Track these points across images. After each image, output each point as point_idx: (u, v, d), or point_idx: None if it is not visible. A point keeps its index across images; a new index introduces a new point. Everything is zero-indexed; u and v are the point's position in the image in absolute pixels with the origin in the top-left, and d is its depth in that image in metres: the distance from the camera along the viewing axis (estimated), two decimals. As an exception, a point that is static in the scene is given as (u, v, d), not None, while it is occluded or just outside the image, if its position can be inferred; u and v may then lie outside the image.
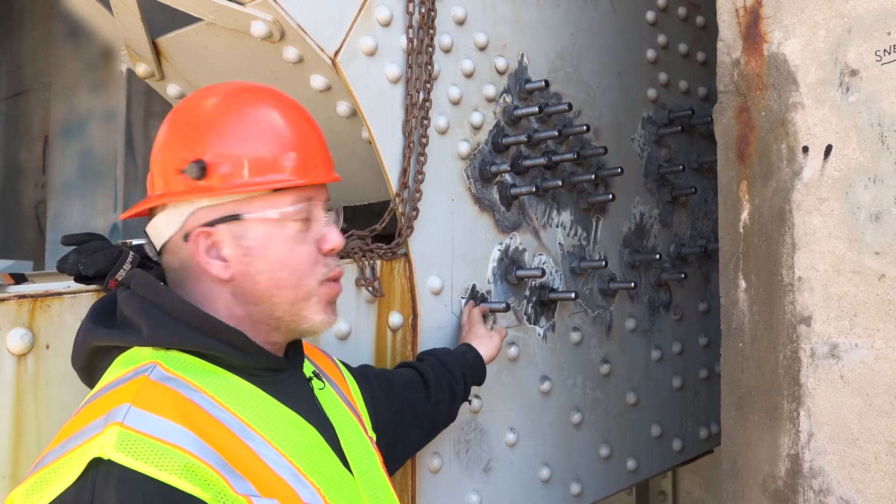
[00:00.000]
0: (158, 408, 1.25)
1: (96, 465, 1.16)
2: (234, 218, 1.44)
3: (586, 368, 2.82)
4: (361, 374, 1.92)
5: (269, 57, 2.24)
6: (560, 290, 2.72)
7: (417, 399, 2.07)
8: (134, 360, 1.36)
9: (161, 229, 1.49)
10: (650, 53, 3.17)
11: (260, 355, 1.44)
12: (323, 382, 1.62)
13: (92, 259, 1.70)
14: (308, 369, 1.61)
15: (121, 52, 2.59)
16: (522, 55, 2.67)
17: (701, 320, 3.34)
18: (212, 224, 1.44)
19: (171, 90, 2.61)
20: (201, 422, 1.27)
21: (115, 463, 1.16)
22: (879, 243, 1.91)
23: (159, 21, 2.41)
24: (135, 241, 1.88)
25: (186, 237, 1.45)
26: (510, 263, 2.58)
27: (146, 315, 1.39)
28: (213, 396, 1.33)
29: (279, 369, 1.49)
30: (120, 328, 1.43)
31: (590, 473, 2.81)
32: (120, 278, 1.67)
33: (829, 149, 2.01)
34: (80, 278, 1.72)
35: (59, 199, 3.94)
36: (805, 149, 2.05)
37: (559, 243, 2.76)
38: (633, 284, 2.85)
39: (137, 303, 1.42)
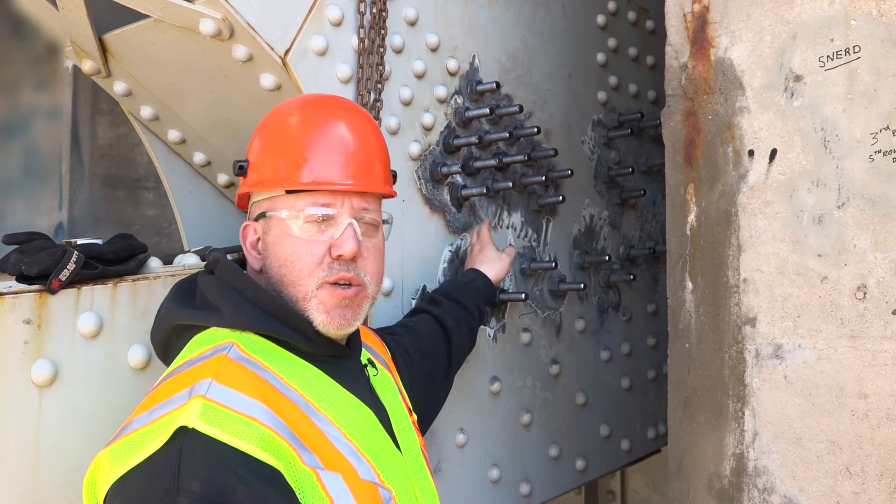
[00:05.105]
0: (237, 384, 1.39)
1: (183, 432, 1.29)
2: (263, 215, 1.63)
3: (536, 369, 2.84)
4: (402, 347, 2.05)
5: (219, 55, 2.22)
6: (510, 290, 2.72)
7: (443, 354, 2.21)
8: (212, 340, 1.51)
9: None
10: (600, 57, 3.19)
11: (325, 343, 1.58)
12: (377, 369, 1.76)
13: (35, 258, 1.67)
14: (364, 356, 1.76)
15: (66, 49, 2.54)
16: (474, 57, 2.67)
17: (649, 321, 3.38)
18: (256, 220, 1.65)
19: (118, 87, 2.57)
20: (274, 398, 1.41)
21: (200, 432, 1.29)
22: (822, 246, 1.95)
23: (106, 17, 2.37)
24: (80, 241, 1.84)
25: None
26: (461, 264, 2.58)
27: (228, 299, 1.54)
28: (283, 377, 1.47)
29: (341, 356, 1.63)
30: (202, 309, 1.58)
31: (539, 474, 2.82)
32: (63, 278, 1.66)
33: (773, 153, 2.05)
34: (21, 278, 1.69)
35: (2, 198, 3.85)
36: (751, 152, 2.09)
37: (510, 244, 2.77)
38: (582, 286, 2.86)
39: (221, 287, 1.57)
